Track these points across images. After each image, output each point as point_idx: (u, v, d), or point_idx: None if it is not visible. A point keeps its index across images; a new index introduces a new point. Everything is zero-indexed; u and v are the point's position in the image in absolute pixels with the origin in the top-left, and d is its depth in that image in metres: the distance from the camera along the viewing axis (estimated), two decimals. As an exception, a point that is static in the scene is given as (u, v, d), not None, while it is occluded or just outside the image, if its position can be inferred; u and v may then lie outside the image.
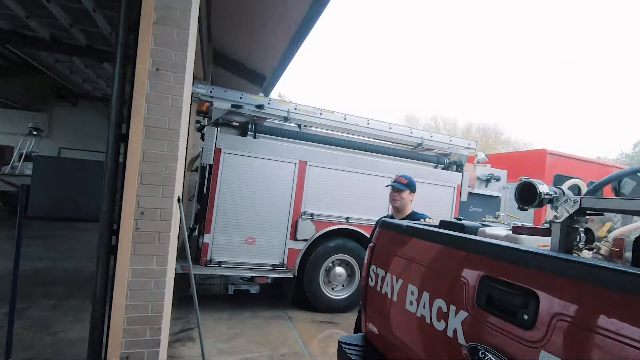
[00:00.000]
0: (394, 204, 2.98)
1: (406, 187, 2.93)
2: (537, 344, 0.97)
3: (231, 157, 4.37)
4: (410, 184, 2.96)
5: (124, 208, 2.36)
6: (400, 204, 2.93)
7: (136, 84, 2.36)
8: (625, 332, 0.81)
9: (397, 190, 2.93)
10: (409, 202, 2.96)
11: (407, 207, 2.96)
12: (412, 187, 2.96)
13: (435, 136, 5.51)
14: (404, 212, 2.96)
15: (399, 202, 2.93)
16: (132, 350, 2.39)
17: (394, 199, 2.95)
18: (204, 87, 4.37)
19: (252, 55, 8.03)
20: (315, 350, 3.73)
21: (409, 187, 2.94)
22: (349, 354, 1.84)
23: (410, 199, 2.96)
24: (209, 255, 4.31)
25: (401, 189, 2.92)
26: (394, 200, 2.96)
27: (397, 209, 2.98)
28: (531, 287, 1.03)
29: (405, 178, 2.99)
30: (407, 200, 2.94)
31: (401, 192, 2.92)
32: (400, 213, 2.97)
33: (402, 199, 2.92)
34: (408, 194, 2.94)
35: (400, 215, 2.95)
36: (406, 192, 2.93)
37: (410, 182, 2.97)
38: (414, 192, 2.98)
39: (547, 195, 1.22)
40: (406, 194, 2.93)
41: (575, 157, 7.28)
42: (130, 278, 2.37)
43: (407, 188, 2.93)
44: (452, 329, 1.28)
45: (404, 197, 2.92)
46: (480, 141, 31.15)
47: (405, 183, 2.95)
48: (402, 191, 2.92)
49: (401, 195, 2.92)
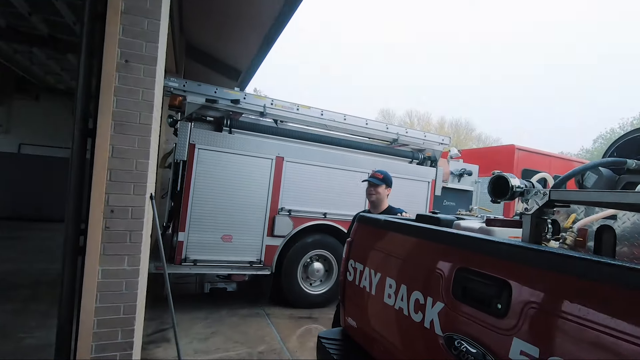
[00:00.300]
0: (371, 199, 3.01)
1: (382, 182, 2.97)
2: (510, 332, 1.01)
3: (206, 152, 4.27)
4: (386, 178, 3.00)
5: (92, 206, 2.25)
6: (376, 198, 2.97)
7: (103, 77, 2.25)
8: (589, 317, 0.85)
9: (374, 185, 2.97)
10: (385, 197, 3.00)
11: (383, 201, 3.00)
12: (388, 181, 3.00)
13: (410, 132, 5.61)
14: (381, 206, 2.99)
15: (375, 196, 2.97)
16: (103, 354, 2.30)
17: (371, 193, 2.99)
18: (176, 81, 4.23)
19: (226, 48, 7.84)
20: (294, 345, 3.73)
21: (385, 181, 2.98)
22: (328, 349, 1.85)
23: (387, 194, 3.01)
24: (184, 254, 4.21)
25: (377, 184, 2.96)
26: (370, 195, 3.00)
27: (373, 203, 3.02)
28: (504, 277, 1.06)
29: (381, 173, 3.02)
30: (383, 195, 2.98)
31: (377, 187, 2.96)
32: (377, 208, 3.00)
33: (379, 194, 2.96)
34: (384, 188, 2.98)
35: (377, 210, 2.99)
36: (382, 187, 2.97)
37: (386, 177, 3.01)
38: (390, 186, 3.02)
39: (518, 189, 1.27)
40: (382, 188, 2.97)
41: (541, 152, 7.63)
42: (100, 279, 2.28)
43: (383, 183, 2.97)
44: (429, 320, 1.31)
45: (380, 191, 2.96)
46: (453, 137, 32.09)
47: (381, 178, 2.98)
48: (378, 186, 2.96)
49: (377, 190, 2.95)
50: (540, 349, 0.93)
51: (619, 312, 0.80)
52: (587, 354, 0.84)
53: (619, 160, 1.99)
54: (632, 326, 0.77)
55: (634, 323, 0.77)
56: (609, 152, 2.25)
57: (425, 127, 33.67)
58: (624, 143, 2.19)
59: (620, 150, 2.19)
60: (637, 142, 2.11)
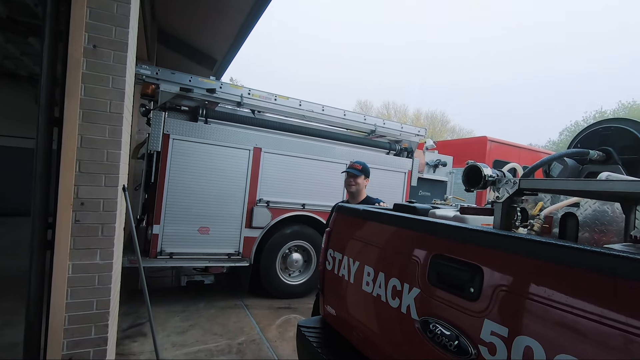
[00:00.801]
0: (350, 189, 3.04)
1: (361, 173, 3.00)
2: (481, 314, 1.06)
3: (181, 143, 4.16)
4: (365, 169, 3.04)
5: (60, 199, 2.15)
6: (355, 189, 3.00)
7: (70, 63, 2.13)
8: (553, 297, 0.91)
9: (353, 175, 3.00)
10: (363, 187, 3.04)
11: (362, 192, 3.04)
12: (366, 172, 3.04)
13: (387, 123, 5.68)
14: (359, 197, 3.04)
15: (354, 187, 3.00)
16: (75, 351, 2.23)
17: (350, 184, 3.02)
18: (148, 68, 4.08)
19: (201, 36, 7.59)
20: (274, 335, 3.76)
21: (363, 172, 3.02)
22: (308, 337, 1.88)
23: (365, 184, 3.05)
24: (159, 247, 4.12)
25: (356, 175, 2.99)
26: (349, 186, 3.03)
27: (352, 194, 3.05)
28: (477, 262, 1.11)
29: (359, 164, 3.06)
30: (362, 185, 3.02)
31: (356, 178, 2.99)
32: (355, 198, 3.04)
33: (358, 184, 3.00)
34: (363, 179, 3.02)
35: (356, 200, 3.03)
36: (361, 177, 3.00)
37: (365, 167, 3.05)
38: (368, 177, 3.06)
39: (490, 178, 1.32)
40: (361, 179, 3.00)
41: (511, 143, 7.94)
42: (71, 274, 2.19)
43: (362, 174, 3.01)
44: (405, 306, 1.35)
45: (359, 182, 3.00)
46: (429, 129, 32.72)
47: (360, 169, 3.02)
48: (357, 177, 2.99)
49: (356, 181, 2.99)
50: (509, 329, 0.98)
51: (580, 293, 0.86)
52: (552, 332, 0.89)
53: (582, 151, 2.10)
54: (592, 305, 0.83)
55: (593, 302, 0.83)
56: (573, 144, 2.37)
57: (402, 118, 34.13)
58: (587, 135, 2.31)
59: (584, 141, 2.31)
60: (599, 134, 2.23)
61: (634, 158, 2.08)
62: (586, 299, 0.84)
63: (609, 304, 0.80)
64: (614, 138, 2.15)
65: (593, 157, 2.10)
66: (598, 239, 1.89)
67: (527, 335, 0.94)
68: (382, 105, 38.51)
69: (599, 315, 0.81)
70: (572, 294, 0.87)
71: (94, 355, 2.30)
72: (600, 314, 0.81)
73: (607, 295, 0.81)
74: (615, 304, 0.79)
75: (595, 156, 2.10)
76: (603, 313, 0.80)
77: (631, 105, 30.53)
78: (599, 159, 2.12)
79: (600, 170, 2.02)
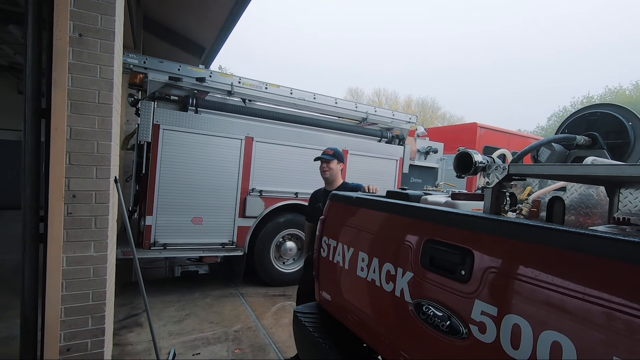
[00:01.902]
0: (325, 176, 3.05)
1: (333, 157, 3.01)
2: (472, 295, 1.10)
3: (171, 133, 4.12)
4: (337, 154, 3.05)
5: (52, 192, 2.13)
6: (329, 174, 3.02)
7: (55, 52, 2.08)
8: (540, 277, 0.95)
9: (325, 161, 3.01)
10: (339, 172, 3.05)
11: (337, 177, 3.05)
12: (339, 157, 3.05)
13: (379, 111, 5.68)
14: (335, 182, 3.04)
15: (328, 172, 3.01)
16: (73, 342, 2.25)
17: (324, 170, 3.03)
18: (136, 57, 3.99)
19: (187, 22, 7.42)
20: (269, 322, 3.82)
21: (336, 157, 3.02)
22: (304, 322, 1.92)
23: (340, 169, 3.06)
24: (153, 238, 4.11)
25: (329, 159, 3.00)
26: (324, 172, 3.04)
27: (327, 180, 3.06)
28: (467, 246, 1.15)
29: (330, 149, 3.07)
30: (336, 170, 3.03)
31: (329, 163, 3.00)
32: (331, 184, 3.04)
33: (331, 169, 3.01)
34: (336, 163, 3.02)
35: (332, 186, 3.03)
36: (334, 162, 3.01)
37: (337, 152, 3.06)
38: (342, 161, 3.07)
39: (480, 164, 1.35)
40: (334, 164, 3.01)
41: (500, 129, 8.02)
42: (65, 267, 2.19)
43: (334, 158, 3.01)
44: (399, 289, 1.40)
45: (333, 167, 3.00)
46: (419, 116, 32.78)
47: (332, 154, 3.03)
48: (330, 161, 3.00)
49: (330, 166, 3.00)
50: (499, 309, 1.02)
51: (564, 273, 0.90)
52: (538, 310, 0.94)
53: (569, 137, 2.15)
54: (575, 284, 0.87)
55: (577, 281, 0.87)
56: (561, 129, 2.42)
57: (393, 106, 34.10)
58: (574, 121, 2.36)
59: (571, 127, 2.36)
60: (586, 119, 2.28)
61: (618, 142, 2.13)
62: (570, 279, 0.88)
63: (592, 283, 0.84)
64: (599, 123, 2.20)
65: (579, 142, 2.15)
66: (583, 222, 1.95)
67: (515, 314, 0.98)
68: (373, 93, 38.44)
69: (583, 293, 0.85)
70: (557, 274, 0.91)
71: (92, 346, 2.32)
72: (583, 292, 0.85)
73: (590, 274, 0.85)
74: (597, 283, 0.83)
75: (581, 141, 2.15)
76: (586, 291, 0.84)
77: (617, 90, 31.00)
78: (585, 144, 2.17)
79: (586, 155, 2.08)
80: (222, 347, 3.23)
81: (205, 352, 3.12)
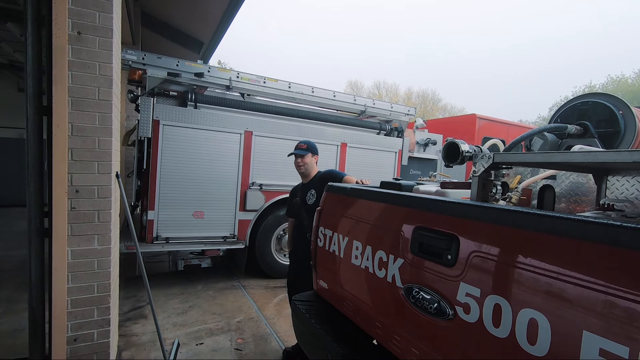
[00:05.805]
0: (300, 170, 3.03)
1: (307, 151, 3.00)
2: (457, 278, 1.16)
3: (171, 129, 4.17)
4: (310, 146, 3.03)
5: (55, 187, 2.19)
6: (305, 169, 3.01)
7: (55, 50, 2.12)
8: (518, 259, 1.00)
9: (300, 156, 2.99)
10: (314, 165, 3.04)
11: (312, 170, 3.04)
12: (313, 149, 3.04)
13: (377, 103, 5.70)
14: (311, 175, 3.03)
15: (303, 167, 3.01)
16: (79, 333, 2.33)
17: (299, 165, 3.01)
18: (134, 53, 4.02)
19: (185, 16, 7.41)
20: (271, 313, 3.90)
21: (309, 150, 3.01)
22: (302, 310, 1.99)
23: (315, 161, 3.05)
24: (155, 232, 4.19)
25: (303, 154, 2.98)
26: (299, 167, 3.02)
27: (303, 174, 3.05)
28: (453, 232, 1.20)
29: (304, 143, 3.05)
30: (311, 163, 3.02)
31: (304, 157, 2.99)
32: (307, 177, 3.04)
33: (306, 164, 3.00)
34: (310, 157, 3.01)
35: (308, 179, 3.04)
36: (308, 155, 2.99)
37: (310, 145, 3.04)
38: (316, 154, 3.06)
39: (467, 153, 1.39)
40: (309, 157, 3.00)
41: (500, 120, 8.02)
42: (70, 260, 2.26)
43: (308, 152, 3.00)
44: (391, 275, 1.45)
45: (307, 161, 3.00)
46: (420, 108, 32.63)
47: (305, 147, 3.01)
48: (304, 156, 2.98)
49: (304, 161, 2.99)
50: (481, 290, 1.08)
51: (540, 254, 0.95)
52: (517, 291, 0.99)
53: (561, 126, 2.19)
54: (550, 265, 0.92)
55: (551, 262, 0.92)
56: (554, 119, 2.46)
57: (393, 98, 33.97)
58: (566, 110, 2.39)
59: (564, 116, 2.40)
60: (577, 109, 2.31)
61: (609, 131, 2.17)
62: (544, 260, 0.93)
63: (564, 263, 0.89)
64: (591, 112, 2.23)
65: (571, 131, 2.19)
66: (573, 209, 2.00)
67: (496, 294, 1.03)
68: (373, 85, 38.24)
69: (557, 272, 0.90)
70: (532, 255, 0.96)
71: (98, 336, 2.40)
72: (557, 272, 0.90)
73: (562, 256, 0.90)
74: (569, 263, 0.88)
75: (573, 130, 2.19)
76: (559, 271, 0.89)
77: (620, 79, 30.71)
78: (577, 133, 2.20)
79: (577, 144, 2.12)
80: (225, 337, 3.32)
81: (208, 342, 3.20)
